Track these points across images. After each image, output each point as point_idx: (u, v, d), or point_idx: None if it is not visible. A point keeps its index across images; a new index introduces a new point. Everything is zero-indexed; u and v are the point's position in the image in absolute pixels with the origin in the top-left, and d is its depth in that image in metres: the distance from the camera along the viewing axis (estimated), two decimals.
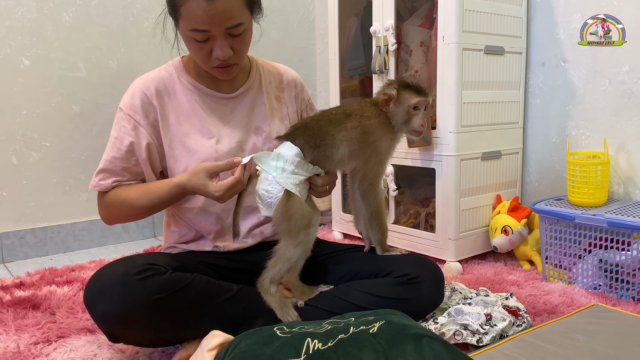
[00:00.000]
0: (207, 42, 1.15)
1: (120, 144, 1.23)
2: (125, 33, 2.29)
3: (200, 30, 1.12)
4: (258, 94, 1.36)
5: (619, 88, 1.72)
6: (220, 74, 1.23)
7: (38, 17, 2.09)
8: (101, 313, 1.03)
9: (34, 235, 2.16)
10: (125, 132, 1.23)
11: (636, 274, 1.45)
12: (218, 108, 1.30)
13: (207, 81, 1.30)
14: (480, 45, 1.76)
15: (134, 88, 1.26)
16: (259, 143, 1.33)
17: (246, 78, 1.35)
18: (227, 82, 1.31)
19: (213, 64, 1.19)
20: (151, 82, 1.26)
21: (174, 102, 1.27)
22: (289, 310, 1.15)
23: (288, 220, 1.14)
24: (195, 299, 1.09)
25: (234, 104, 1.32)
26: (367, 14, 2.04)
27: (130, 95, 1.25)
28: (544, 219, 1.65)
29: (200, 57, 1.19)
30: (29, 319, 1.41)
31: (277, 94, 1.40)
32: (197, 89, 1.28)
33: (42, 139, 2.15)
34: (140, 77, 1.29)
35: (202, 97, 1.29)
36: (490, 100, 1.83)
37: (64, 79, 2.17)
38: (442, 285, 1.26)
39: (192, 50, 1.20)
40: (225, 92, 1.31)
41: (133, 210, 1.23)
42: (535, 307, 1.41)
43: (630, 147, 1.71)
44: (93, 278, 1.07)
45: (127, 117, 1.24)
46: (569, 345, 1.05)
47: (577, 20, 1.81)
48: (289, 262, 1.16)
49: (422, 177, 2.04)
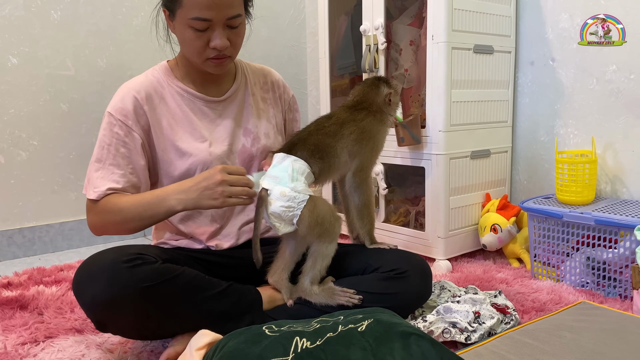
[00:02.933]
0: (206, 32, 1.15)
1: (115, 151, 1.20)
2: (114, 31, 2.27)
3: (202, 19, 1.12)
4: (245, 96, 1.36)
5: (607, 87, 1.74)
6: (214, 66, 1.21)
7: (26, 15, 2.07)
8: (89, 298, 1.03)
9: (22, 235, 2.14)
10: (118, 138, 1.20)
11: (623, 272, 1.47)
12: (208, 111, 1.30)
13: (196, 85, 1.29)
14: (469, 44, 1.76)
15: (124, 92, 1.24)
16: (247, 144, 1.33)
17: (232, 81, 1.35)
18: (215, 85, 1.31)
19: (209, 55, 1.18)
20: (141, 86, 1.25)
21: (164, 106, 1.26)
22: (338, 294, 1.18)
23: (321, 224, 1.16)
24: (183, 291, 1.09)
25: (222, 107, 1.32)
26: (357, 13, 2.05)
27: (120, 99, 1.23)
28: (532, 217, 1.66)
29: (196, 47, 1.17)
30: (16, 319, 1.39)
31: (262, 95, 1.40)
32: (188, 92, 1.28)
33: (30, 138, 2.13)
34: (128, 82, 1.27)
35: (192, 101, 1.28)
36: (480, 99, 1.84)
37: (52, 78, 2.15)
38: (429, 279, 1.27)
39: (189, 41, 1.18)
40: (214, 95, 1.31)
41: (124, 221, 1.18)
42: (523, 305, 1.42)
43: (618, 145, 1.73)
44: (83, 265, 1.08)
45: (118, 123, 1.21)
46: (556, 342, 1.06)
47: (565, 19, 1.82)
48: (328, 258, 1.19)
49: (412, 176, 2.05)
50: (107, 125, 1.22)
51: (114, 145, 1.20)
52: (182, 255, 1.25)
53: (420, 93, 1.95)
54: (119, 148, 1.20)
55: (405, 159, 1.88)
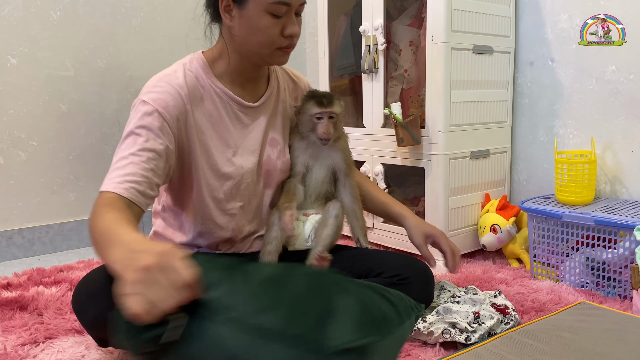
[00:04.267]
0: (281, 19, 1.10)
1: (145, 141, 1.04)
2: (113, 32, 2.27)
3: (284, 2, 1.08)
4: (276, 103, 1.30)
5: (606, 87, 1.74)
6: (281, 56, 1.16)
7: (25, 15, 2.07)
8: (91, 318, 1.01)
9: (22, 236, 2.14)
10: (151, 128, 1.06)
11: (622, 272, 1.47)
12: (242, 117, 1.22)
13: (234, 86, 1.21)
14: (468, 44, 1.76)
15: (165, 85, 1.11)
16: (273, 156, 1.27)
17: (266, 84, 1.28)
18: (252, 87, 1.24)
19: (282, 43, 1.12)
20: (184, 83, 1.14)
21: (204, 108, 1.17)
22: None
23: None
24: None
25: (255, 113, 1.25)
26: (357, 13, 2.05)
27: (162, 91, 1.10)
28: (532, 218, 1.66)
29: (271, 35, 1.10)
30: (16, 320, 1.39)
31: (291, 103, 1.34)
32: (226, 94, 1.19)
33: (30, 139, 2.13)
34: (167, 75, 1.14)
35: (229, 104, 1.20)
36: (479, 100, 1.84)
37: (52, 78, 2.15)
38: (432, 286, 1.27)
39: (264, 29, 1.10)
40: (249, 99, 1.23)
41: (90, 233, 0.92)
42: (523, 305, 1.42)
43: (617, 145, 1.73)
44: (82, 282, 1.05)
45: (155, 114, 1.07)
46: (556, 342, 1.06)
47: (564, 20, 1.82)
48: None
49: (412, 176, 2.05)
50: (140, 113, 1.07)
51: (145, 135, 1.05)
52: None
53: (419, 93, 1.95)
54: (149, 139, 1.05)
55: (404, 159, 1.88)
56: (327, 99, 1.26)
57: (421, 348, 1.20)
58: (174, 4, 2.41)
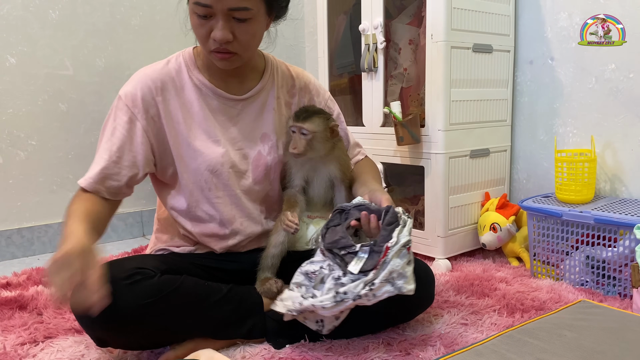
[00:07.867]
0: (209, 20, 1.07)
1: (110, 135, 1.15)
2: (112, 31, 2.27)
3: (201, 4, 1.04)
4: (269, 99, 1.28)
5: (606, 86, 1.74)
6: (217, 60, 1.13)
7: (24, 14, 2.07)
8: (89, 320, 1.01)
9: (21, 235, 2.13)
10: (119, 123, 1.15)
11: (622, 270, 1.47)
12: (225, 110, 1.22)
13: (216, 79, 1.22)
14: (468, 43, 1.76)
15: (138, 78, 1.18)
16: (264, 151, 1.26)
17: (259, 79, 1.27)
18: (237, 81, 1.24)
19: (210, 46, 1.10)
20: (158, 75, 1.18)
21: (181, 98, 1.19)
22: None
23: None
24: (184, 303, 1.08)
25: (242, 107, 1.24)
26: (356, 12, 2.04)
27: (133, 85, 1.16)
28: (531, 216, 1.66)
29: (199, 35, 1.11)
30: (15, 319, 1.39)
31: (287, 100, 1.32)
32: (206, 87, 1.20)
33: (29, 138, 2.12)
34: (146, 67, 1.20)
35: (210, 96, 1.21)
36: (479, 98, 1.84)
37: (51, 77, 2.14)
38: (432, 286, 1.28)
39: (193, 28, 1.11)
40: (234, 93, 1.23)
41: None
42: (523, 304, 1.42)
43: (617, 144, 1.73)
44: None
45: (124, 108, 1.15)
46: (556, 341, 1.06)
47: (564, 18, 1.82)
48: None
49: (411, 175, 2.05)
50: (114, 108, 1.17)
51: (113, 129, 1.15)
52: (181, 261, 1.22)
53: (419, 92, 1.95)
54: (115, 132, 1.14)
55: (404, 158, 1.88)
56: (305, 114, 1.23)
57: (421, 347, 1.20)
58: (173, 3, 2.40)
